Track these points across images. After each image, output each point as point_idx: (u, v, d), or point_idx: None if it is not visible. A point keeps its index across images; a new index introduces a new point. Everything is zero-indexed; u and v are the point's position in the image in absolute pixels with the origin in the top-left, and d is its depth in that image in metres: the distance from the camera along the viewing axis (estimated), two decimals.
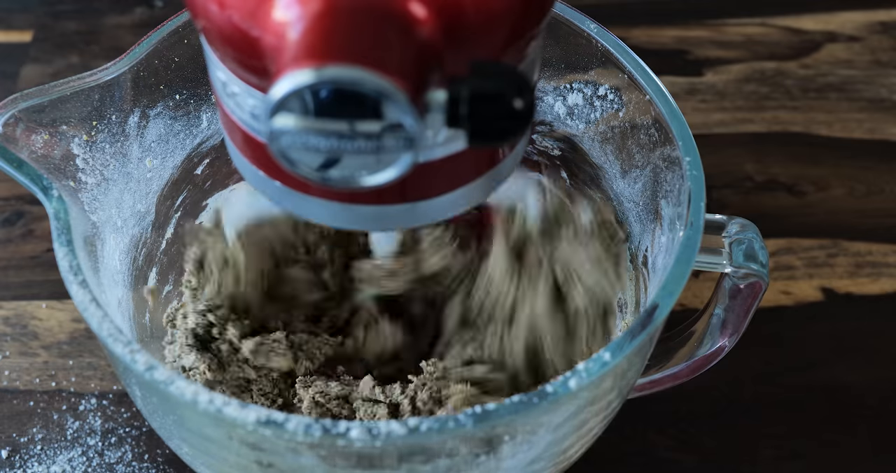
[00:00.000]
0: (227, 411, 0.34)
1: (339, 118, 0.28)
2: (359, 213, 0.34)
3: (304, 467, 0.37)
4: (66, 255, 0.38)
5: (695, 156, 0.41)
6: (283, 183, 0.34)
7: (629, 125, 0.47)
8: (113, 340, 0.36)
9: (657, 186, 0.45)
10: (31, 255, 0.63)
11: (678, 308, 0.38)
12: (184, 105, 0.48)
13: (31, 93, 0.42)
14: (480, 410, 0.33)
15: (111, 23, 0.78)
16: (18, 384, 0.57)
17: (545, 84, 0.50)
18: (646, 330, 0.37)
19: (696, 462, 0.54)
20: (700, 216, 0.40)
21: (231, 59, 0.31)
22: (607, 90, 0.48)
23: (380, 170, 0.29)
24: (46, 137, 0.42)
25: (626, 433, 0.55)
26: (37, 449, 0.54)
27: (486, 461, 0.37)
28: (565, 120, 0.50)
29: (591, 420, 0.40)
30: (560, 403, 0.35)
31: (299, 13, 0.28)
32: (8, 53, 0.75)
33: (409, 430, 0.33)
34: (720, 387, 0.56)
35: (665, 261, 0.42)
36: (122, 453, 0.54)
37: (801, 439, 0.55)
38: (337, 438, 0.33)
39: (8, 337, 0.59)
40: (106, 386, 0.57)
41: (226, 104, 0.33)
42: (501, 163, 0.35)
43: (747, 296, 0.45)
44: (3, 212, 0.65)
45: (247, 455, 0.37)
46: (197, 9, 0.31)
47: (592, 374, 0.35)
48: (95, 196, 0.43)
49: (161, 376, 0.35)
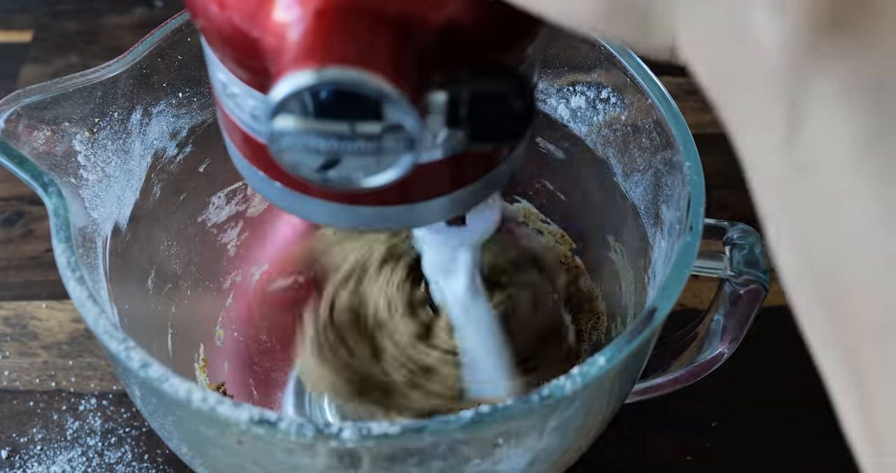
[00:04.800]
0: (220, 410, 0.34)
1: (339, 119, 0.28)
2: (359, 214, 0.34)
3: (297, 467, 0.37)
4: (65, 252, 0.38)
5: (695, 160, 0.41)
6: (283, 184, 0.34)
7: (631, 128, 0.47)
8: (108, 337, 0.36)
9: (658, 190, 0.45)
10: (31, 255, 0.63)
11: (678, 308, 0.38)
12: (186, 103, 0.48)
13: (34, 89, 0.42)
14: (475, 413, 0.33)
15: (111, 23, 0.78)
16: (18, 384, 0.57)
17: (547, 85, 0.50)
18: (643, 332, 0.37)
19: (696, 462, 0.54)
20: (699, 220, 0.39)
21: (231, 59, 0.31)
22: (609, 92, 0.48)
23: (380, 171, 0.29)
24: (48, 134, 0.42)
25: (626, 433, 0.55)
26: (37, 449, 0.54)
27: (480, 463, 0.37)
28: (568, 122, 0.50)
29: (588, 422, 0.40)
30: (556, 406, 0.35)
31: (300, 14, 0.28)
32: (8, 53, 0.75)
33: (401, 431, 0.33)
34: (720, 388, 0.56)
35: (665, 265, 0.42)
36: (122, 453, 0.54)
37: (801, 439, 0.55)
38: (329, 438, 0.33)
39: (8, 337, 0.59)
40: (106, 386, 0.57)
41: (226, 105, 0.33)
42: (502, 165, 0.35)
43: (748, 302, 0.45)
44: (3, 212, 0.65)
45: (243, 455, 0.37)
46: (197, 9, 0.31)
47: (588, 377, 0.35)
48: (97, 193, 0.43)
49: (155, 373, 0.35)
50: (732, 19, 0.23)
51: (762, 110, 0.24)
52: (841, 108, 0.22)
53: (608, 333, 0.51)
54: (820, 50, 0.22)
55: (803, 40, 0.22)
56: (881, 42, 0.22)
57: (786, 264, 0.25)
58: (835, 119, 0.22)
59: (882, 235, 0.22)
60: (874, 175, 0.22)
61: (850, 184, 0.23)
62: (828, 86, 0.22)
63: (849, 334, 0.24)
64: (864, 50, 0.22)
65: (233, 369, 0.55)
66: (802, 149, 0.23)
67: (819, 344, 0.25)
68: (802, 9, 0.22)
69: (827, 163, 0.23)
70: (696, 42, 0.25)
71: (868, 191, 0.22)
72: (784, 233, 0.25)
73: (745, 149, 0.25)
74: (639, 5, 0.25)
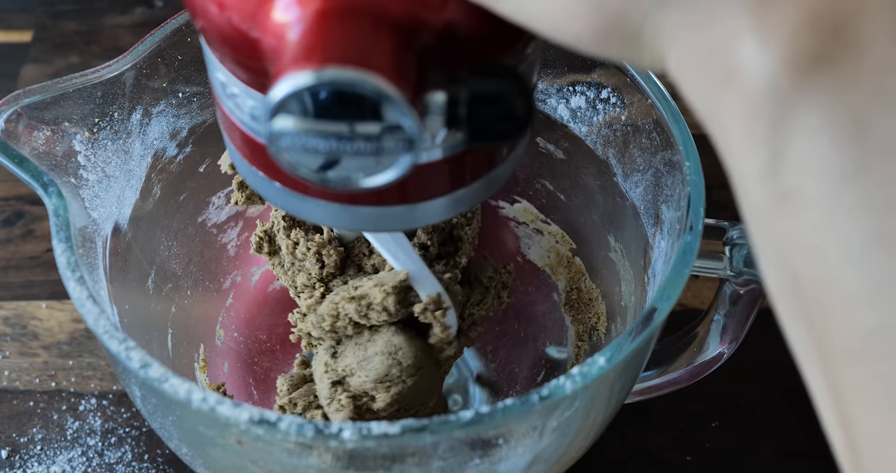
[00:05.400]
0: (220, 410, 0.34)
1: (338, 120, 0.28)
2: (358, 214, 0.34)
3: (297, 467, 0.37)
4: (65, 252, 0.38)
5: (695, 160, 0.41)
6: (282, 184, 0.34)
7: (631, 128, 0.47)
8: (108, 337, 0.36)
9: (658, 190, 0.45)
10: (31, 255, 0.63)
11: (678, 308, 0.38)
12: (186, 103, 0.48)
13: (34, 89, 0.42)
14: (474, 413, 0.33)
15: (111, 23, 0.78)
16: (18, 384, 0.57)
17: (547, 85, 0.50)
18: (643, 333, 0.37)
19: (697, 462, 0.54)
20: (699, 220, 0.39)
21: (231, 59, 0.31)
22: (609, 92, 0.47)
23: (379, 171, 0.29)
24: (48, 134, 0.42)
25: (626, 433, 0.55)
26: (37, 449, 0.54)
27: (480, 464, 0.37)
28: (568, 122, 0.50)
29: (588, 422, 0.40)
30: (556, 406, 0.35)
31: (299, 15, 0.28)
32: (8, 53, 0.75)
33: (401, 431, 0.33)
34: (720, 387, 0.56)
35: (665, 265, 0.42)
36: (122, 453, 0.54)
37: (801, 439, 0.55)
38: (329, 438, 0.33)
39: (8, 337, 0.59)
40: (106, 386, 0.57)
41: (225, 105, 0.33)
42: (502, 164, 0.35)
43: (748, 302, 0.45)
44: (3, 212, 0.65)
45: (243, 455, 0.37)
46: (196, 9, 0.31)
47: (588, 377, 0.35)
48: (97, 193, 0.43)
49: (155, 373, 0.35)
50: (719, 48, 0.24)
51: (746, 137, 0.24)
52: (822, 141, 0.23)
53: (608, 333, 0.51)
54: (803, 84, 0.23)
55: (787, 74, 0.23)
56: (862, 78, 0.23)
57: (771, 283, 0.26)
58: (816, 151, 0.23)
59: (861, 266, 0.23)
60: (854, 206, 0.23)
61: (830, 215, 0.23)
62: (810, 119, 0.23)
63: (830, 356, 0.24)
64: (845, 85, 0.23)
65: (233, 369, 0.55)
66: (785, 176, 0.24)
67: (803, 359, 0.26)
68: (787, 44, 0.23)
69: (808, 193, 0.23)
70: (684, 67, 0.25)
71: (848, 222, 0.23)
72: (768, 253, 0.25)
73: (732, 170, 0.25)
74: (629, 27, 0.26)
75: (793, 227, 0.24)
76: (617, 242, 0.50)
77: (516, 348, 0.57)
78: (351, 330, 0.45)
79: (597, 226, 0.52)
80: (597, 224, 0.52)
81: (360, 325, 0.45)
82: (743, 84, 0.24)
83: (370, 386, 0.45)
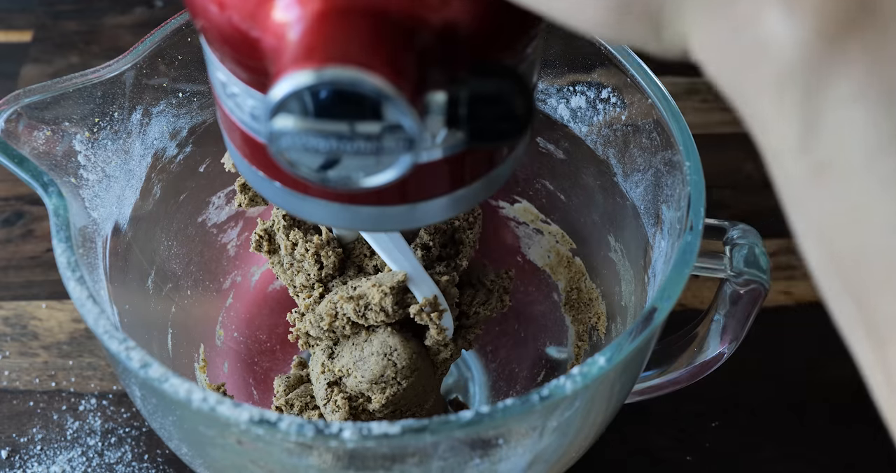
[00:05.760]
0: (220, 410, 0.34)
1: (338, 119, 0.28)
2: (358, 214, 0.34)
3: (296, 467, 0.37)
4: (65, 252, 0.38)
5: (695, 160, 0.41)
6: (282, 183, 0.34)
7: (631, 128, 0.47)
8: (108, 337, 0.36)
9: (658, 190, 0.45)
10: (31, 255, 0.63)
11: (678, 308, 0.38)
12: (186, 103, 0.48)
13: (34, 89, 0.42)
14: (474, 413, 0.33)
15: (111, 23, 0.78)
16: (18, 384, 0.57)
17: (547, 85, 0.50)
18: (643, 333, 0.37)
19: (697, 462, 0.54)
20: (699, 220, 0.39)
21: (231, 59, 0.31)
22: (609, 92, 0.47)
23: (379, 171, 0.29)
24: (48, 134, 0.42)
25: (626, 433, 0.55)
26: (37, 449, 0.54)
27: (480, 464, 0.37)
28: (568, 122, 0.50)
29: (588, 422, 0.40)
30: (556, 406, 0.35)
31: (299, 14, 0.28)
32: (8, 53, 0.75)
33: (401, 431, 0.33)
34: (720, 387, 0.56)
35: (665, 265, 0.42)
36: (122, 453, 0.54)
37: (801, 439, 0.55)
38: (329, 438, 0.33)
39: (8, 337, 0.59)
40: (106, 386, 0.57)
41: (225, 104, 0.33)
42: (502, 164, 0.35)
43: (748, 302, 0.45)
44: (3, 212, 0.65)
45: (243, 455, 0.37)
46: (196, 9, 0.31)
47: (588, 377, 0.35)
48: (97, 192, 0.43)
49: (155, 373, 0.35)
50: (745, 22, 0.24)
51: (778, 111, 0.24)
52: (856, 111, 0.23)
53: (608, 333, 0.51)
54: (834, 53, 0.23)
55: (817, 44, 0.23)
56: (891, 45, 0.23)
57: (811, 257, 0.26)
58: (850, 121, 0.23)
59: None
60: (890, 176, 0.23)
61: (866, 185, 0.23)
62: (843, 88, 0.23)
63: (877, 329, 0.24)
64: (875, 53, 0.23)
65: (233, 369, 0.55)
66: (819, 149, 0.23)
67: (850, 334, 0.26)
68: (814, 13, 0.23)
69: (843, 165, 0.23)
70: (709, 45, 0.25)
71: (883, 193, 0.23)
72: (807, 228, 0.25)
73: (765, 147, 0.25)
74: (649, 9, 0.25)
75: (830, 201, 0.24)
76: (617, 242, 0.50)
77: (516, 348, 0.57)
78: (349, 330, 0.45)
79: (597, 225, 0.52)
80: (597, 224, 0.51)
81: (358, 326, 0.45)
82: (772, 57, 0.23)
83: (366, 387, 0.45)
